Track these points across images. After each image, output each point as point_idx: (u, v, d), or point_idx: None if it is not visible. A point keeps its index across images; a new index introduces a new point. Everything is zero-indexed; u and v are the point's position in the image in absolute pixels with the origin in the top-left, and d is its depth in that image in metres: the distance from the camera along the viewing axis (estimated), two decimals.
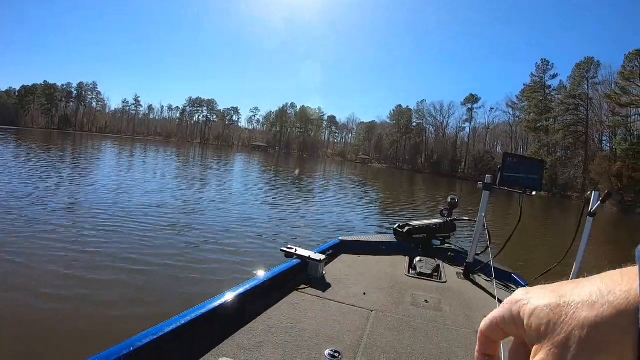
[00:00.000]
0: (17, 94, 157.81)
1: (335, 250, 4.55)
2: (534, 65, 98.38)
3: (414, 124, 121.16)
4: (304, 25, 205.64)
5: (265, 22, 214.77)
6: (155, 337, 2.02)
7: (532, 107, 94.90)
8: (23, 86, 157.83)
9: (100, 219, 10.55)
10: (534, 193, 4.16)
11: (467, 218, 5.64)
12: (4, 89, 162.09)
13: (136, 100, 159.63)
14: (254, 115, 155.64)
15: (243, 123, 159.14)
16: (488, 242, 4.24)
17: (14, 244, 7.66)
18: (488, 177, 4.27)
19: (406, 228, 5.12)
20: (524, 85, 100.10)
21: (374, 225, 13.64)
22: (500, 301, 2.71)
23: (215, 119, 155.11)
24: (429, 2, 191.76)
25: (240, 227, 10.82)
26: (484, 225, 4.28)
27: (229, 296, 2.73)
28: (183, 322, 2.27)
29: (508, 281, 4.31)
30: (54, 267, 6.64)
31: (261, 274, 3.27)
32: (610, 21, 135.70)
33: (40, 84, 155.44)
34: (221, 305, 2.62)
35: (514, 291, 1.27)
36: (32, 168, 21.56)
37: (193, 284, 6.36)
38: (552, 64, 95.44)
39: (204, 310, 2.45)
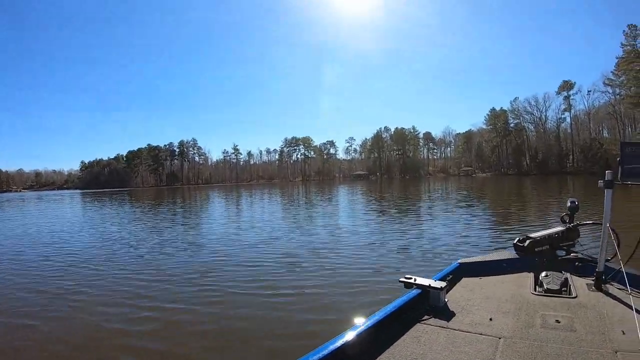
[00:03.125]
0: (125, 159, 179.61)
1: (455, 275, 4.54)
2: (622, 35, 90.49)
3: (512, 125, 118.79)
4: (383, 47, 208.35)
5: (342, 49, 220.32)
6: None
7: (631, 79, 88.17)
8: (129, 151, 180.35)
9: (212, 259, 11.88)
10: None
11: (591, 222, 5.44)
12: (112, 157, 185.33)
13: (235, 149, 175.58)
14: (350, 145, 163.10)
15: (341, 154, 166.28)
16: (616, 247, 4.07)
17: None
18: (608, 174, 4.03)
19: (527, 241, 4.78)
20: (616, 58, 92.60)
21: (492, 242, 12.94)
22: (638, 312, 3.10)
23: (314, 155, 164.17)
24: None
25: (353, 260, 10.71)
26: (611, 228, 4.07)
27: (350, 335, 2.78)
28: None
29: None
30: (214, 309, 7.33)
31: (382, 308, 3.34)
32: None
33: (145, 147, 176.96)
34: (345, 345, 2.70)
35: None
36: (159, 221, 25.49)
37: (314, 324, 6.23)
38: None
39: (327, 352, 2.57)
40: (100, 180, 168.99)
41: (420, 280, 3.77)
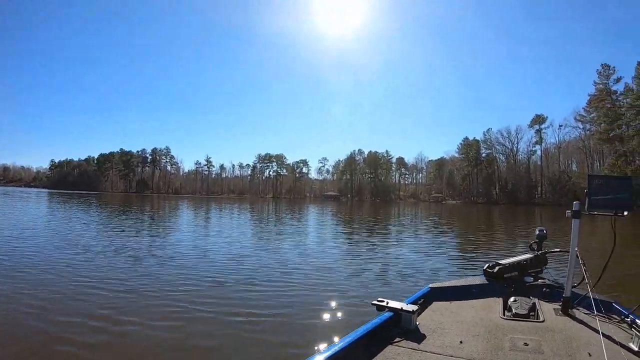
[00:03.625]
0: (96, 161, 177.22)
1: (426, 299, 4.59)
2: (595, 73, 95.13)
3: (483, 155, 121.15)
4: (364, 71, 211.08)
5: (324, 72, 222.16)
6: None
7: (601, 116, 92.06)
8: (101, 154, 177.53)
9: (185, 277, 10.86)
10: (625, 213, 4.06)
11: (558, 249, 5.56)
12: (83, 158, 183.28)
13: (208, 161, 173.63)
14: (323, 166, 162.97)
15: (313, 174, 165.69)
16: (584, 273, 4.20)
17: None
18: (576, 204, 4.22)
19: (496, 268, 5.03)
20: (589, 95, 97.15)
21: (461, 268, 13.34)
22: (604, 335, 3.15)
23: (286, 173, 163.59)
24: (479, 27, 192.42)
25: (323, 282, 10.50)
26: (577, 256, 4.22)
27: (321, 357, 2.78)
28: None
29: (610, 312, 4.14)
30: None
31: (354, 330, 3.36)
32: None
33: (117, 151, 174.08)
34: None
35: (617, 322, 3.71)
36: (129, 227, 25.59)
37: (282, 347, 6.06)
38: (614, 67, 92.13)
39: None
40: (69, 181, 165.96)
41: (393, 304, 3.81)
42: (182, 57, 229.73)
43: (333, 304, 8.35)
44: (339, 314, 7.68)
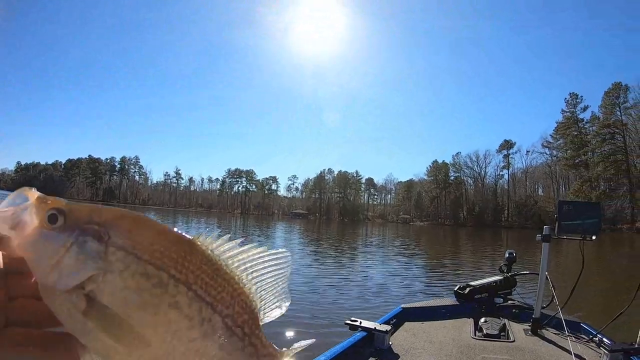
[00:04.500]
0: (63, 166, 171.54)
1: (398, 319, 4.57)
2: (563, 101, 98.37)
3: (452, 178, 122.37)
4: (336, 91, 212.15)
5: (297, 90, 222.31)
6: None
7: (568, 143, 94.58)
8: (69, 159, 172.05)
9: None
10: (593, 237, 4.17)
11: (527, 272, 5.67)
12: (50, 162, 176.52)
13: (177, 173, 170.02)
14: (293, 183, 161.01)
15: (282, 191, 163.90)
16: (553, 294, 4.30)
17: None
18: (546, 229, 4.32)
19: (467, 289, 5.09)
20: (556, 122, 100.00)
21: (431, 289, 13.50)
22: (574, 354, 3.17)
23: (255, 189, 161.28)
24: (446, 51, 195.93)
25: (294, 301, 11.13)
26: (546, 278, 4.30)
27: None
28: None
29: (578, 332, 4.19)
30: None
31: (328, 349, 3.37)
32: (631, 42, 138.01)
33: (86, 157, 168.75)
34: None
35: (586, 341, 3.90)
36: None
37: None
38: (582, 96, 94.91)
39: None
40: (34, 185, 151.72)
41: (366, 323, 3.79)
42: (156, 69, 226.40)
43: (305, 323, 8.32)
44: (312, 333, 7.52)
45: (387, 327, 3.76)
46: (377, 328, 3.71)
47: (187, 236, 0.54)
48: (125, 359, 0.47)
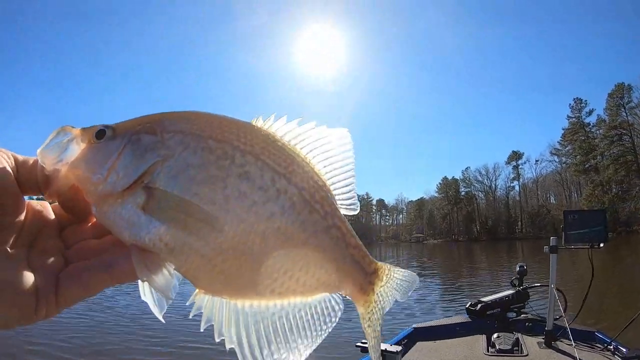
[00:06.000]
0: None
1: (410, 339, 4.54)
2: (567, 107, 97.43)
3: (463, 193, 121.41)
4: (341, 112, 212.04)
5: (299, 113, 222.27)
6: None
7: (576, 149, 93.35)
8: None
9: None
10: (601, 245, 4.13)
11: (539, 284, 5.58)
12: None
13: None
14: None
15: None
16: (565, 305, 4.27)
17: None
18: (553, 240, 4.32)
19: (479, 305, 5.06)
20: (562, 129, 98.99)
21: (444, 307, 13.38)
22: None
23: None
24: (450, 65, 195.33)
25: None
26: (557, 289, 4.26)
27: None
28: None
29: (592, 341, 4.16)
30: None
31: None
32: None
33: None
34: None
35: (600, 350, 3.85)
36: None
37: None
38: (586, 100, 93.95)
39: None
40: None
41: None
42: (160, 93, 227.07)
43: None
44: (321, 357, 7.35)
45: (398, 348, 3.70)
46: (387, 349, 3.62)
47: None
48: (202, 253, 0.45)
